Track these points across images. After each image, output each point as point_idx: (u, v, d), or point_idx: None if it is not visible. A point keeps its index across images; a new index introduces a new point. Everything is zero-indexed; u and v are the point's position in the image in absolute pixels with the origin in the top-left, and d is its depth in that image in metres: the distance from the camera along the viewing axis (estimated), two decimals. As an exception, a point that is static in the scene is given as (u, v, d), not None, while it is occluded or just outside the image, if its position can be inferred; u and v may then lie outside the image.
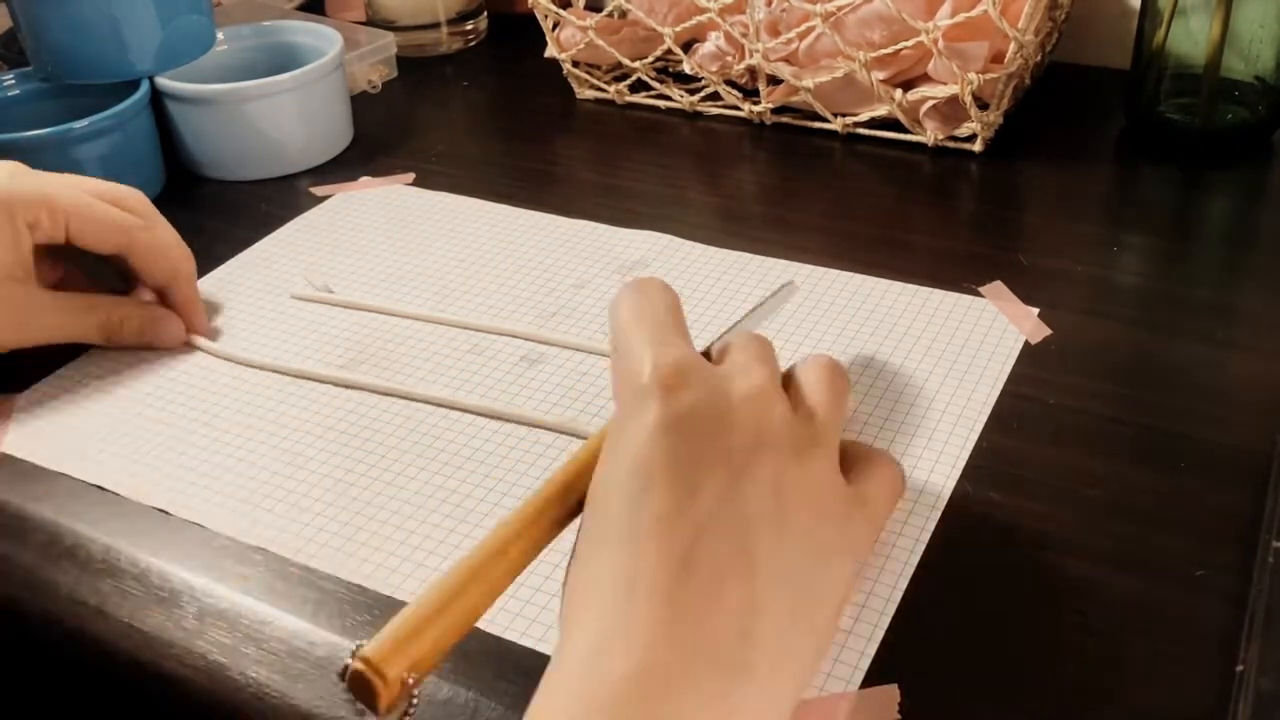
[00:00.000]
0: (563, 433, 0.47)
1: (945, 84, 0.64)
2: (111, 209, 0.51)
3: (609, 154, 0.71)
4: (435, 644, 0.31)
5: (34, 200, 0.49)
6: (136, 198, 0.53)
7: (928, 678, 0.36)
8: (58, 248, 0.51)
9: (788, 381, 0.38)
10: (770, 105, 0.70)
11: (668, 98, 0.74)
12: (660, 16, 0.71)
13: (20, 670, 0.44)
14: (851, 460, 0.38)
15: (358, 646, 0.30)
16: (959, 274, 0.55)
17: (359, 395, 0.50)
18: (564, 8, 0.74)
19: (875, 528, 0.38)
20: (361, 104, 0.76)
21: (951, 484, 0.43)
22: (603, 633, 0.30)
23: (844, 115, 0.68)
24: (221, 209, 0.67)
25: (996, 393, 0.48)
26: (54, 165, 0.62)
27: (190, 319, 0.54)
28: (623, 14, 0.71)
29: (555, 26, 0.75)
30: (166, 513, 0.44)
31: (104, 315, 0.52)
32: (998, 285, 0.54)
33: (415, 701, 0.30)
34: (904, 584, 0.39)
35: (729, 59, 0.71)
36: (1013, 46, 0.61)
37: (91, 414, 0.50)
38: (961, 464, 0.44)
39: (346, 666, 0.30)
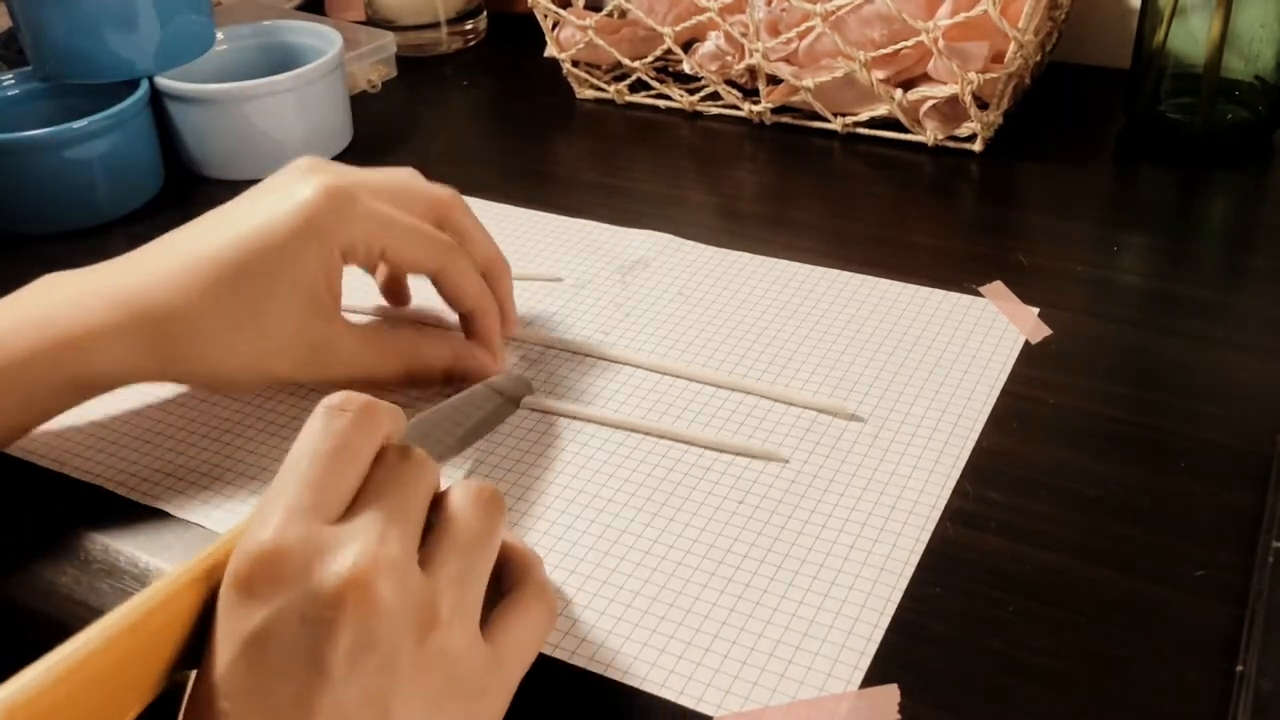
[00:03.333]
0: (574, 417, 0.47)
1: (945, 84, 0.64)
2: (427, 231, 0.46)
3: (609, 154, 0.71)
4: None
5: (351, 225, 0.44)
6: (454, 205, 0.48)
7: (928, 678, 0.36)
8: None
9: (436, 511, 0.34)
10: (770, 105, 0.70)
11: (668, 97, 0.74)
12: (660, 16, 0.71)
13: (16, 668, 0.44)
14: (503, 586, 0.35)
15: None
16: (959, 274, 0.55)
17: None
18: (564, 7, 0.74)
19: (509, 688, 0.34)
20: (361, 104, 0.76)
21: (951, 484, 0.43)
22: None
23: (844, 115, 0.68)
24: (221, 209, 0.66)
25: (996, 393, 0.47)
26: (54, 165, 0.62)
27: (489, 345, 0.48)
28: (623, 14, 0.71)
29: (555, 26, 0.75)
30: (166, 513, 0.44)
31: (409, 361, 0.47)
32: (998, 285, 0.54)
33: None
34: (904, 584, 0.39)
35: (729, 59, 0.71)
36: (1013, 46, 0.61)
37: (91, 413, 0.50)
38: (961, 464, 0.44)
39: None
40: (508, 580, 0.36)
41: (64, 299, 0.43)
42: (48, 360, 0.42)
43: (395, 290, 0.53)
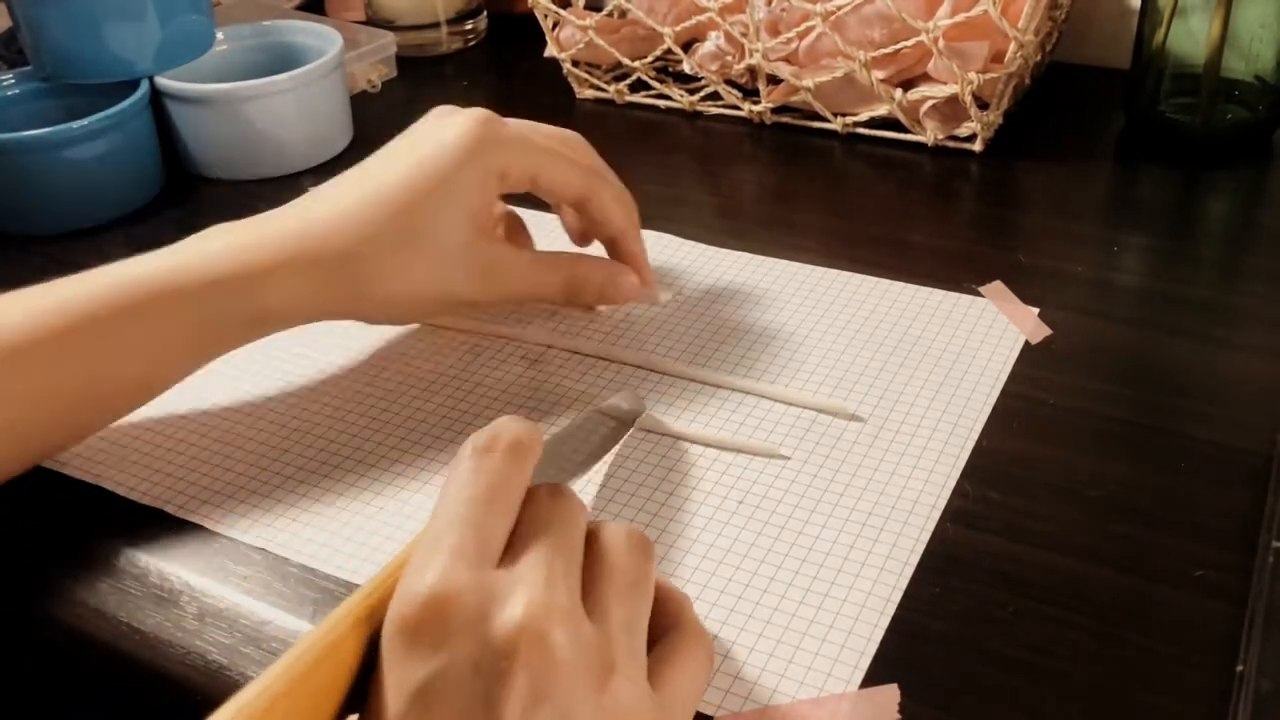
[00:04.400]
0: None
1: (945, 84, 0.64)
2: (574, 158, 0.49)
3: (609, 154, 0.70)
4: None
5: (505, 147, 0.46)
6: (582, 143, 0.51)
7: (928, 678, 0.36)
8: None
9: (589, 555, 0.33)
10: (770, 105, 0.70)
11: (668, 97, 0.74)
12: (660, 16, 0.71)
13: (19, 670, 0.44)
14: (655, 637, 0.34)
15: None
16: (959, 274, 0.55)
17: (359, 397, 0.50)
18: (564, 7, 0.74)
19: None
20: (361, 104, 0.76)
21: (951, 484, 0.43)
22: None
23: (844, 115, 0.68)
24: (221, 209, 0.66)
25: (996, 393, 0.47)
26: (53, 165, 0.62)
27: (641, 271, 0.51)
28: (623, 13, 0.71)
29: (555, 26, 0.75)
30: (166, 512, 0.44)
31: (568, 273, 0.50)
32: (998, 285, 0.54)
33: None
34: (904, 584, 0.39)
35: (729, 59, 0.71)
36: (1013, 46, 0.61)
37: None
38: (961, 464, 0.44)
39: None
40: (659, 623, 0.34)
41: (234, 244, 0.45)
42: (230, 290, 0.44)
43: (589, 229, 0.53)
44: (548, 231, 0.56)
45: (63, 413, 0.44)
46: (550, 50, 0.76)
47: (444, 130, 0.46)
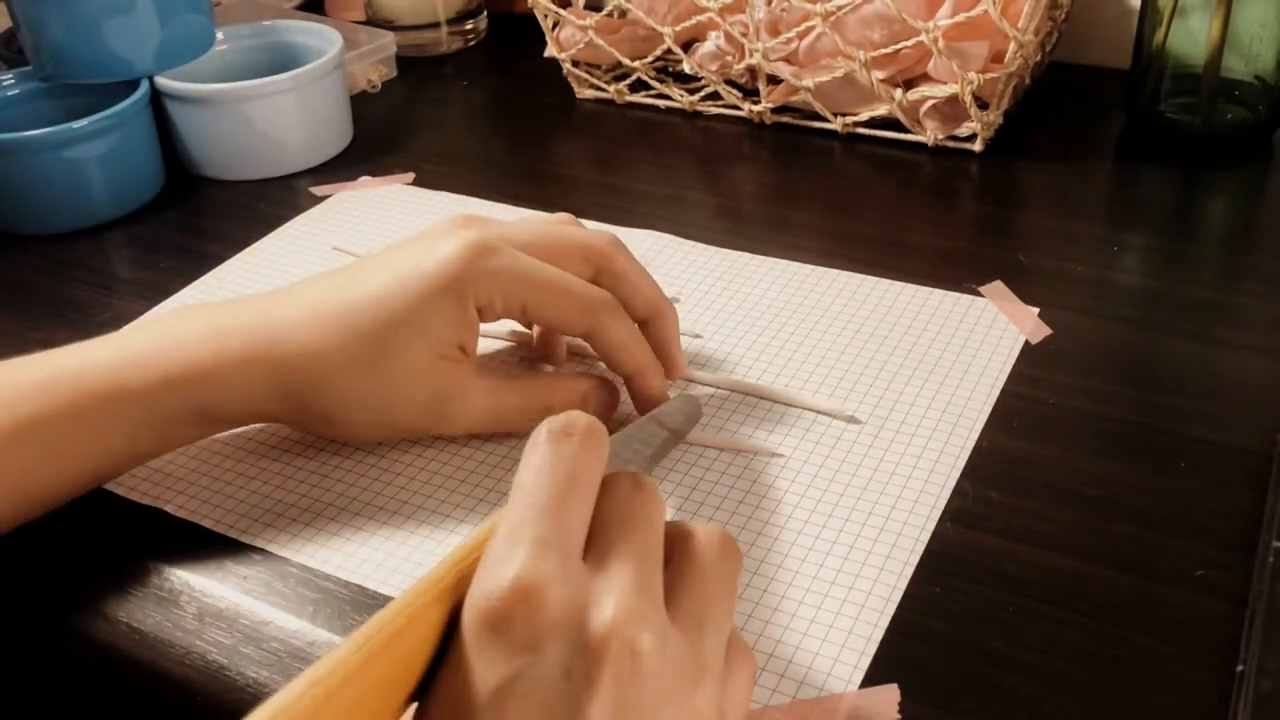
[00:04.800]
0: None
1: (945, 84, 0.64)
2: (574, 287, 0.44)
3: (609, 154, 0.71)
4: None
5: (490, 280, 0.43)
6: (609, 246, 0.45)
7: (928, 678, 0.36)
8: None
9: (679, 557, 0.32)
10: (770, 105, 0.70)
11: (668, 97, 0.74)
12: (660, 16, 0.71)
13: (19, 669, 0.44)
14: None
15: None
16: (959, 274, 0.55)
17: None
18: (564, 7, 0.74)
19: None
20: (361, 104, 0.76)
21: (951, 484, 0.43)
22: None
23: (844, 115, 0.68)
24: (221, 209, 0.67)
25: (996, 393, 0.47)
26: (54, 165, 0.62)
27: (648, 387, 0.46)
28: (622, 13, 0.71)
29: (555, 26, 0.75)
30: (166, 512, 0.44)
31: (541, 405, 0.45)
32: (998, 285, 0.54)
33: None
34: (904, 584, 0.39)
35: (729, 58, 0.71)
36: (1013, 46, 0.61)
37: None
38: (961, 464, 0.44)
39: None
40: None
41: (201, 330, 0.43)
42: (178, 389, 0.42)
43: (548, 347, 0.50)
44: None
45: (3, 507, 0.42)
46: (550, 50, 0.76)
47: (427, 255, 0.43)
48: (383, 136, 0.74)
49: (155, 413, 0.43)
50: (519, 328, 0.52)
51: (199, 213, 0.66)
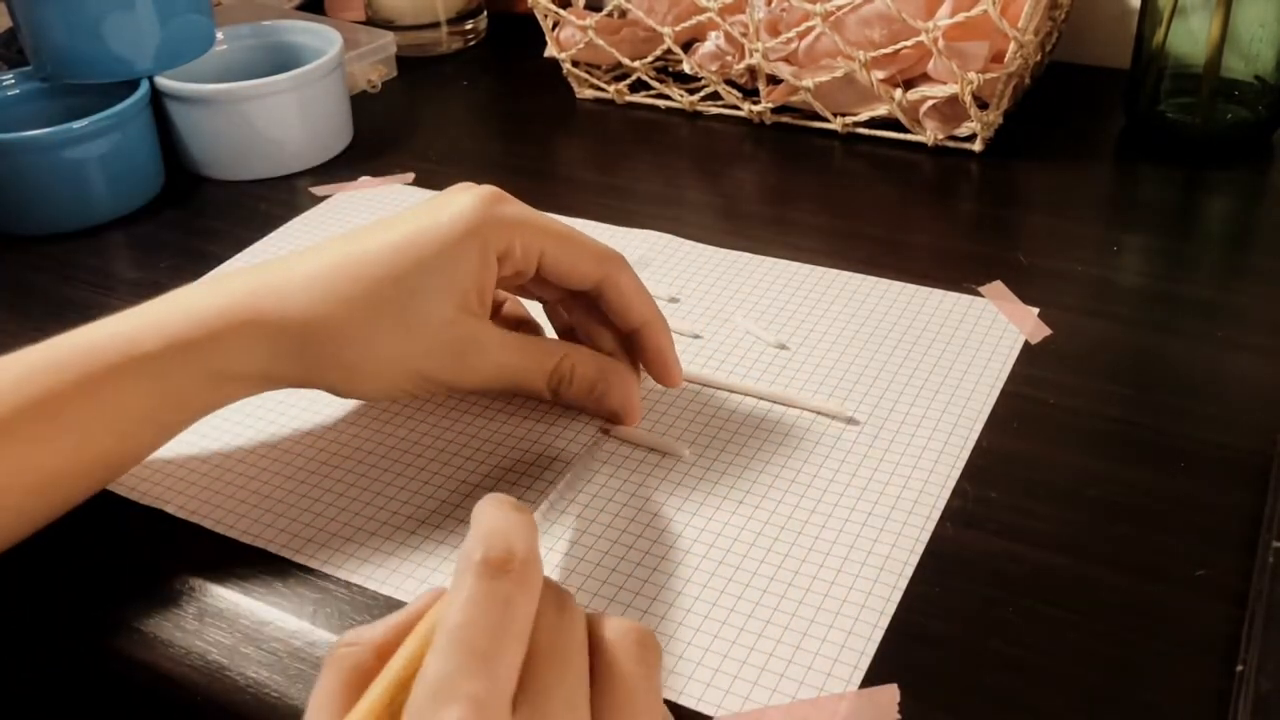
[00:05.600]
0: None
1: (945, 84, 0.64)
2: (587, 239, 0.45)
3: (609, 154, 0.71)
4: None
5: (509, 227, 0.43)
6: (617, 255, 0.46)
7: (928, 678, 0.36)
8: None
9: (595, 665, 0.31)
10: (770, 105, 0.70)
11: (668, 97, 0.74)
12: (660, 16, 0.71)
13: (19, 670, 0.44)
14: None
15: None
16: (959, 274, 0.55)
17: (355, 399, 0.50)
18: (564, 7, 0.74)
19: None
20: (361, 104, 0.76)
21: (951, 484, 0.43)
22: None
23: (844, 115, 0.68)
24: (221, 209, 0.67)
25: (996, 393, 0.47)
26: (54, 165, 0.62)
27: (663, 371, 0.46)
28: (622, 14, 0.71)
29: (555, 26, 0.75)
30: (166, 513, 0.44)
31: (555, 362, 0.45)
32: (998, 285, 0.54)
33: None
34: (904, 584, 0.39)
35: (729, 59, 0.71)
36: (1013, 46, 0.61)
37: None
38: (961, 464, 0.44)
39: None
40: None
41: (208, 295, 0.43)
42: (189, 353, 0.42)
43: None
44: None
45: (16, 503, 0.41)
46: (550, 50, 0.76)
47: (443, 207, 0.43)
48: (383, 136, 0.74)
49: (168, 379, 0.42)
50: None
51: (199, 213, 0.66)
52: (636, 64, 0.74)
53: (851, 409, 0.47)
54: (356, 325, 0.42)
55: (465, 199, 0.43)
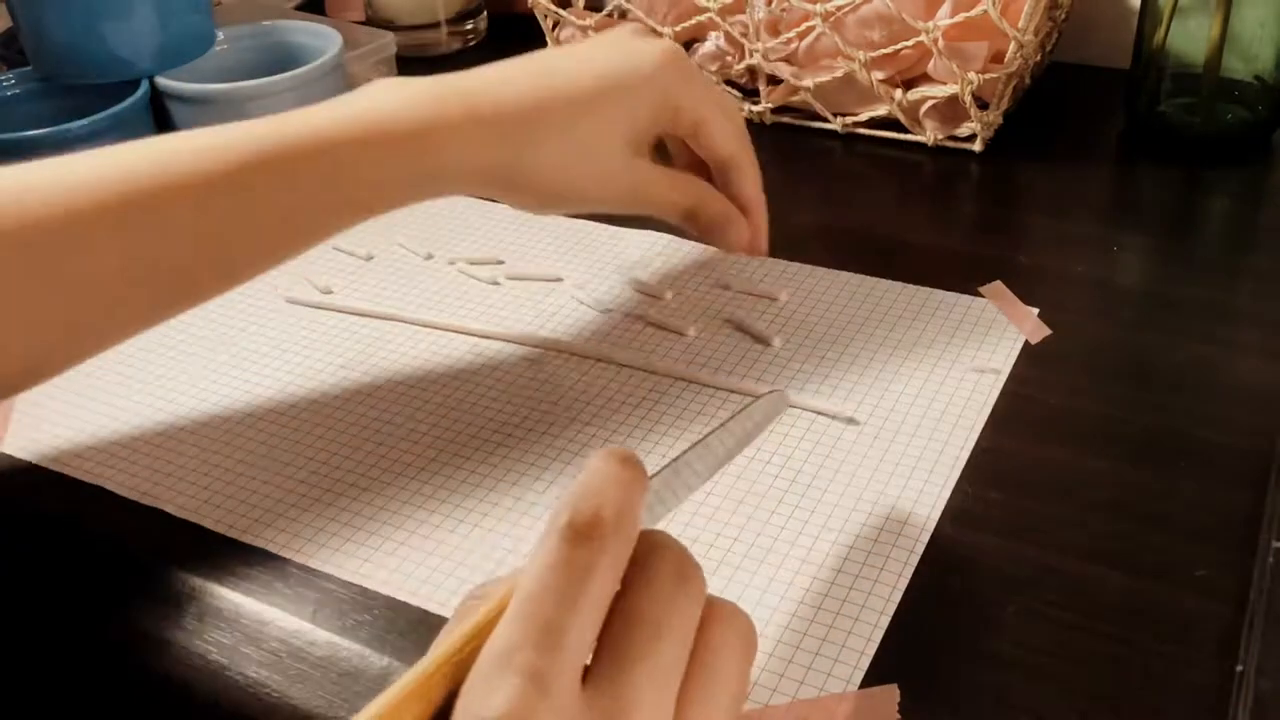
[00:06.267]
0: (571, 419, 0.47)
1: (945, 84, 0.64)
2: (738, 121, 0.51)
3: (609, 154, 0.71)
4: None
5: (690, 87, 0.48)
6: (740, 117, 0.53)
7: (928, 678, 0.36)
8: None
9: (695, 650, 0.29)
10: (770, 105, 0.70)
11: (668, 98, 0.74)
12: (660, 16, 0.71)
13: (19, 670, 0.44)
14: None
15: None
16: (959, 274, 0.55)
17: (358, 395, 0.50)
18: (564, 7, 0.74)
19: None
20: (361, 104, 0.76)
21: (951, 484, 0.43)
22: None
23: (844, 115, 0.68)
24: (221, 209, 0.66)
25: (996, 393, 0.47)
26: (54, 165, 0.62)
27: (758, 236, 0.52)
28: (623, 14, 0.71)
29: (555, 26, 0.75)
30: (166, 513, 0.44)
31: (695, 197, 0.50)
32: (998, 285, 0.54)
33: None
34: (904, 584, 0.39)
35: (729, 59, 0.71)
36: (1012, 46, 0.61)
37: (91, 414, 0.50)
38: (961, 464, 0.44)
39: None
40: None
41: (411, 98, 0.44)
42: (404, 149, 0.43)
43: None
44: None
45: (187, 269, 0.42)
46: (550, 50, 0.76)
47: (638, 49, 0.48)
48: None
49: (379, 169, 0.43)
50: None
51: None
52: (636, 64, 0.73)
53: (851, 409, 0.47)
54: (558, 139, 0.46)
55: (657, 46, 0.48)
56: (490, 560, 0.41)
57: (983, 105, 0.65)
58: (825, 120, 0.69)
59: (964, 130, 0.66)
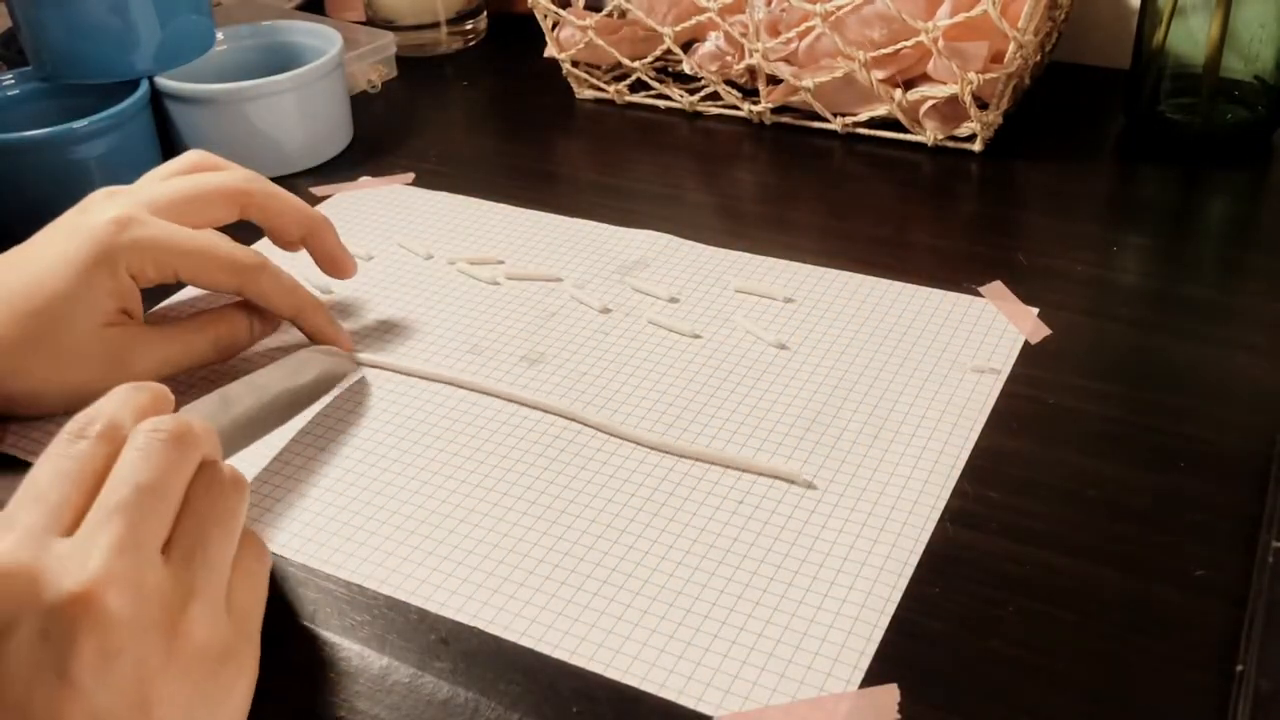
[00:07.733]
0: (566, 417, 0.47)
1: (945, 84, 0.64)
2: (218, 251, 0.49)
3: (609, 154, 0.71)
4: None
5: (138, 251, 0.47)
6: (247, 183, 0.51)
7: (928, 678, 0.36)
8: None
9: (188, 496, 0.34)
10: (770, 105, 0.70)
11: (667, 97, 0.74)
12: (660, 16, 0.71)
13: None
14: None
15: None
16: (959, 274, 0.55)
17: (357, 395, 0.50)
18: (564, 7, 0.74)
19: (255, 640, 0.35)
20: (361, 104, 0.76)
21: (951, 484, 0.43)
22: None
23: (844, 115, 0.68)
24: (221, 209, 0.66)
25: (996, 393, 0.47)
26: (54, 165, 0.62)
27: (334, 343, 0.51)
28: (622, 14, 0.71)
29: (555, 26, 0.75)
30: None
31: (214, 332, 0.50)
32: (998, 285, 0.54)
33: None
34: (904, 584, 0.39)
35: (729, 59, 0.71)
36: (1012, 46, 0.61)
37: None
38: (961, 464, 0.44)
39: None
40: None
41: None
42: None
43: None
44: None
45: None
46: (550, 50, 0.76)
47: (71, 237, 0.47)
48: (383, 136, 0.74)
49: None
50: None
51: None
52: (636, 64, 0.74)
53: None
54: (15, 351, 0.46)
55: (90, 228, 0.46)
56: (491, 560, 0.41)
57: (982, 105, 0.65)
58: (825, 120, 0.69)
59: (964, 130, 0.66)
